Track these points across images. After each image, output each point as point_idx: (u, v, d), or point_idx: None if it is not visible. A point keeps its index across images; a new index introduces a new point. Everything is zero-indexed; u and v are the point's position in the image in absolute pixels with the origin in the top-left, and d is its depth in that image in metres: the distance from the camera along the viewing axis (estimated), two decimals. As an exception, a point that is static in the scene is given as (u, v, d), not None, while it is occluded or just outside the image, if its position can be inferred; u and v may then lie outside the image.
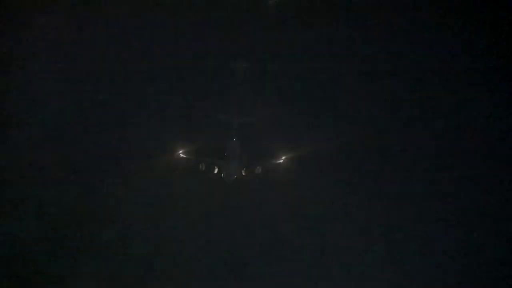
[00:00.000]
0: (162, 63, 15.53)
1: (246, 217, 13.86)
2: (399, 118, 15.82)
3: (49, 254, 11.33)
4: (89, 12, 14.12)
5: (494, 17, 15.74)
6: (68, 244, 11.92)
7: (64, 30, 13.07)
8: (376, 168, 15.95)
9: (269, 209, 13.49)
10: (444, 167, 15.66)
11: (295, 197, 13.89)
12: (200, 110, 13.45)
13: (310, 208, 13.77)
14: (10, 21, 11.96)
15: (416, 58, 15.81)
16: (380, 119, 15.39)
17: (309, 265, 15.36)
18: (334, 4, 14.91)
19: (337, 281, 17.32)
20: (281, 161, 13.86)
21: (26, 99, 12.66)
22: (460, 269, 14.80)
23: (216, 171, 14.41)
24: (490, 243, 14.99)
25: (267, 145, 13.63)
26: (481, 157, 15.76)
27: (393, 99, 15.66)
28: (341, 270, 17.55)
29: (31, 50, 12.14)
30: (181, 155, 13.16)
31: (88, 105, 14.83)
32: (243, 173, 15.28)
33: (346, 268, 17.43)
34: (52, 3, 12.58)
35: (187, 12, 15.87)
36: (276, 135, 13.84)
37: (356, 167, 14.82)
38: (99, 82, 13.78)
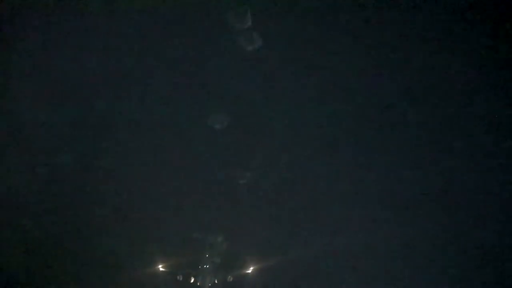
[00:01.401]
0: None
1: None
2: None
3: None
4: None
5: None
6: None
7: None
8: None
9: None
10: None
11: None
12: (176, 227, 12.56)
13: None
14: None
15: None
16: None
17: None
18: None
19: None
20: (250, 271, 13.45)
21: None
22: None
23: (192, 280, 14.38)
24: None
25: (237, 256, 12.83)
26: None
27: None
28: None
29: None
30: (161, 268, 13.33)
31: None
32: (216, 281, 15.02)
33: None
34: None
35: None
36: (245, 245, 12.72)
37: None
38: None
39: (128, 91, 11.87)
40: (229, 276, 13.41)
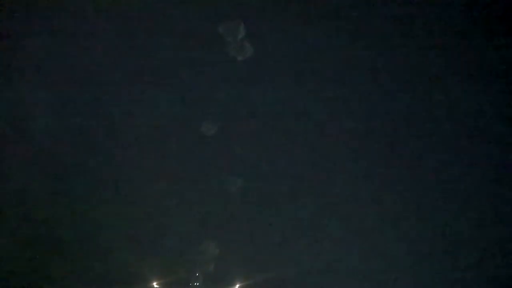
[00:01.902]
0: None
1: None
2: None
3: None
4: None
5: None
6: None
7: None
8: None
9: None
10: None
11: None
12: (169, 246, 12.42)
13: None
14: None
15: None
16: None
17: None
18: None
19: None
20: (240, 285, 13.01)
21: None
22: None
23: (184, 294, 14.41)
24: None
25: (228, 270, 12.54)
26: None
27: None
28: None
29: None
30: (155, 285, 12.98)
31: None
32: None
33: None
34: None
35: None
36: (237, 263, 12.39)
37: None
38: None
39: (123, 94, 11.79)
40: (220, 290, 12.69)
